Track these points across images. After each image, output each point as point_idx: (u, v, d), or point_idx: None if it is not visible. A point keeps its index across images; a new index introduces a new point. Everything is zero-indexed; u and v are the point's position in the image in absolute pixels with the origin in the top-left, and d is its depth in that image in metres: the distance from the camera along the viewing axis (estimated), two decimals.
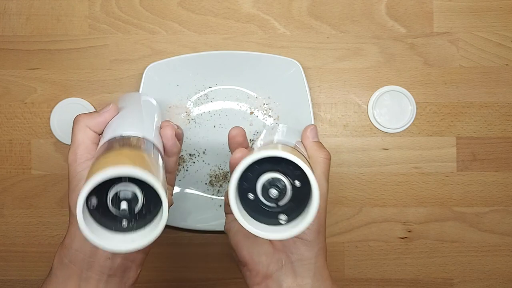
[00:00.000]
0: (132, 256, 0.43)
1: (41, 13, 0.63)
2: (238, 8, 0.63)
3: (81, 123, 0.44)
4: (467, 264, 0.63)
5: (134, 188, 0.37)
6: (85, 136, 0.44)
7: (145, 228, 0.38)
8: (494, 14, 0.63)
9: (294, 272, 0.42)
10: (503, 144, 0.63)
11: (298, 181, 0.38)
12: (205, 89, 0.63)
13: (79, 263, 0.42)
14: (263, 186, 0.38)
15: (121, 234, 0.37)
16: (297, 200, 0.38)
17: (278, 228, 0.38)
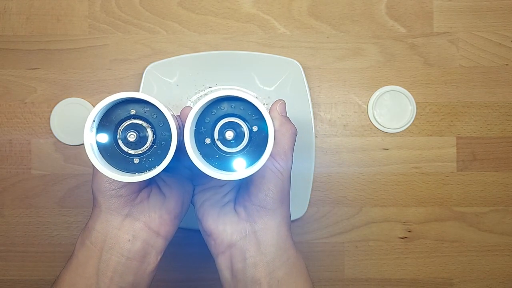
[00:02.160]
0: (152, 241, 0.44)
1: (41, 13, 0.63)
2: (238, 8, 0.63)
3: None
4: (467, 264, 0.63)
5: (142, 122, 0.39)
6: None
7: (155, 168, 0.38)
8: (494, 14, 0.63)
9: (257, 240, 0.43)
10: (503, 144, 0.63)
11: (256, 126, 0.39)
12: (205, 89, 0.63)
13: (100, 244, 0.42)
14: (220, 130, 0.39)
15: (133, 174, 0.39)
16: (255, 146, 0.39)
17: (234, 172, 0.39)
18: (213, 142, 0.39)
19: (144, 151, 0.39)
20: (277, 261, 0.43)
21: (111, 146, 0.39)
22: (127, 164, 0.39)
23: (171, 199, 0.45)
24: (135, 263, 0.43)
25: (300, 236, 0.63)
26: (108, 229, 0.42)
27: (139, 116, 0.39)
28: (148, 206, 0.44)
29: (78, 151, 0.63)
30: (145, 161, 0.39)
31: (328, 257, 0.63)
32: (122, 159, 0.39)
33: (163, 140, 0.39)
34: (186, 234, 0.63)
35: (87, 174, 0.63)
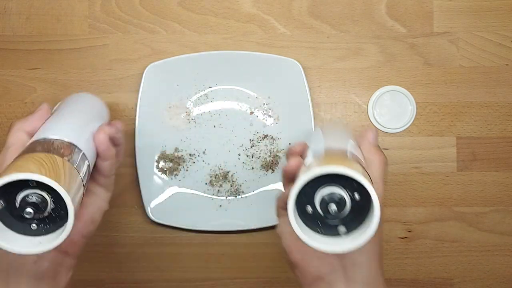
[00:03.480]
0: (59, 260, 0.43)
1: (41, 13, 0.63)
2: (238, 8, 0.63)
3: (14, 126, 0.45)
4: (467, 264, 0.63)
5: (43, 193, 0.37)
6: (16, 139, 0.44)
7: (55, 232, 0.38)
8: (494, 14, 0.63)
9: (346, 276, 0.41)
10: (503, 144, 0.63)
11: (357, 193, 0.37)
12: (205, 89, 0.63)
13: (6, 266, 0.42)
14: (322, 200, 0.37)
15: (30, 237, 0.38)
16: (357, 211, 0.37)
17: (337, 240, 0.38)
18: (314, 211, 0.38)
19: (43, 217, 0.39)
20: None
21: (7, 210, 0.38)
22: (24, 227, 0.39)
23: (80, 219, 0.45)
24: (45, 282, 0.43)
25: None
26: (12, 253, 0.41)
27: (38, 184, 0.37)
28: None
29: None
30: (43, 226, 0.39)
31: None
32: (19, 223, 0.39)
33: (62, 210, 0.38)
34: (186, 234, 0.63)
35: None
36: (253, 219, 0.62)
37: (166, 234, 0.63)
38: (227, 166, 0.63)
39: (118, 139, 0.48)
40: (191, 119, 0.63)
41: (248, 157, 0.63)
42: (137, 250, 0.63)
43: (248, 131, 0.63)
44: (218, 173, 0.63)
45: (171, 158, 0.62)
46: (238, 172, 0.63)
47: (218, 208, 0.63)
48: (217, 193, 0.63)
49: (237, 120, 0.63)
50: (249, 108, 0.63)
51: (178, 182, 0.63)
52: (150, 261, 0.63)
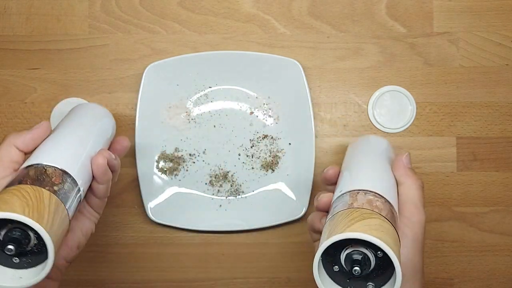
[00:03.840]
0: (43, 284, 0.43)
1: (41, 13, 0.63)
2: (238, 8, 0.63)
3: (7, 140, 0.46)
4: (467, 264, 0.63)
5: (26, 228, 0.38)
6: (5, 153, 0.44)
7: (37, 266, 0.39)
8: (494, 14, 0.63)
9: None
10: (503, 144, 0.63)
11: (380, 251, 0.37)
12: (205, 89, 0.63)
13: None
14: (346, 258, 0.38)
15: (13, 269, 0.39)
16: (383, 267, 0.38)
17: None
18: (341, 268, 0.39)
19: (25, 251, 0.39)
20: None
21: None
22: (5, 260, 0.39)
23: (66, 244, 0.46)
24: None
25: (300, 236, 0.63)
26: None
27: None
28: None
29: None
30: (25, 260, 0.39)
31: None
32: (1, 256, 0.39)
33: (44, 245, 0.38)
34: (186, 234, 0.63)
35: None
36: (253, 219, 0.62)
37: (166, 234, 0.63)
38: (227, 166, 0.63)
39: (114, 166, 0.49)
40: (191, 119, 0.63)
41: (248, 157, 0.63)
42: (137, 250, 0.63)
43: (248, 131, 0.63)
44: (218, 173, 0.63)
45: (171, 158, 0.62)
46: (238, 172, 0.63)
47: (218, 208, 0.63)
48: (217, 193, 0.63)
49: (237, 120, 0.63)
50: (249, 108, 0.63)
51: (178, 182, 0.63)
52: (150, 261, 0.63)
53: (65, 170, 0.43)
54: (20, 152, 0.45)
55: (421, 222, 0.44)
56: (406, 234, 0.42)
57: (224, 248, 0.63)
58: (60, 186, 0.42)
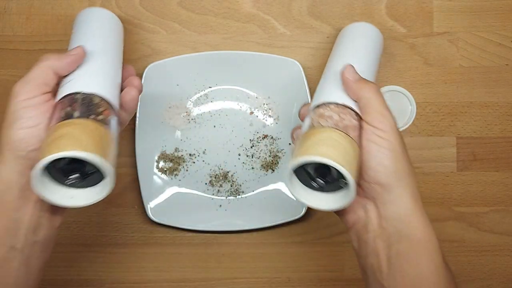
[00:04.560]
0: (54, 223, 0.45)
1: (41, 13, 0.63)
2: (238, 8, 0.63)
3: (44, 61, 0.45)
4: (467, 264, 0.63)
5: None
6: (42, 74, 0.44)
7: (88, 188, 0.42)
8: (494, 14, 0.63)
9: (379, 214, 0.43)
10: (503, 144, 0.63)
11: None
12: (205, 89, 0.63)
13: (7, 204, 0.42)
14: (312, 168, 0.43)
15: (66, 188, 0.42)
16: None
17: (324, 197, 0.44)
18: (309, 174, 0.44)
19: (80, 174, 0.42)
20: (397, 235, 0.42)
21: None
22: (62, 180, 0.42)
23: None
24: (45, 220, 0.44)
25: (300, 236, 0.63)
26: (15, 189, 0.42)
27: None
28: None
29: None
30: (78, 182, 0.42)
31: (328, 257, 0.63)
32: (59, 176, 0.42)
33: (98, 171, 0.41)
34: (186, 234, 0.63)
35: None
36: (253, 219, 0.62)
37: (166, 234, 0.63)
38: (227, 166, 0.63)
39: (141, 87, 0.50)
40: (191, 119, 0.63)
41: (248, 157, 0.63)
42: (137, 250, 0.63)
43: (248, 131, 0.63)
44: (218, 173, 0.63)
45: (171, 158, 0.62)
46: (238, 172, 0.63)
47: (218, 208, 0.63)
48: (217, 193, 0.63)
49: (237, 120, 0.63)
50: (249, 108, 0.63)
51: (178, 182, 0.63)
52: (150, 261, 0.63)
53: (109, 101, 0.45)
54: (55, 75, 0.45)
55: (392, 127, 0.43)
56: (381, 144, 0.42)
57: (224, 248, 0.63)
58: (110, 117, 0.44)
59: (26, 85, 0.44)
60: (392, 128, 0.43)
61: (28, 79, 0.44)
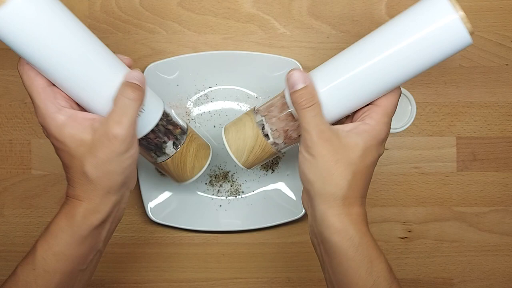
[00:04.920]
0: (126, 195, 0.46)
1: None
2: (238, 8, 0.63)
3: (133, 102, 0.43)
4: (467, 264, 0.63)
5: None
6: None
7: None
8: (494, 14, 0.63)
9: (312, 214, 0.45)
10: (503, 144, 0.63)
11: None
12: (205, 89, 0.63)
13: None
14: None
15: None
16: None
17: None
18: None
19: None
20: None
21: None
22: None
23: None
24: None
25: (300, 236, 0.63)
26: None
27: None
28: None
29: None
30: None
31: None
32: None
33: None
34: (186, 234, 0.63)
35: None
36: (253, 219, 0.62)
37: (166, 234, 0.63)
38: (227, 166, 0.63)
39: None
40: (191, 119, 0.63)
41: None
42: (137, 250, 0.63)
43: None
44: (218, 173, 0.63)
45: None
46: (238, 172, 0.63)
47: (218, 208, 0.63)
48: (217, 193, 0.63)
49: None
50: (249, 108, 0.63)
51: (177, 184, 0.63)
52: (150, 261, 0.63)
53: (165, 110, 0.51)
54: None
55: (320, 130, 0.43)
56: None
57: (224, 248, 0.63)
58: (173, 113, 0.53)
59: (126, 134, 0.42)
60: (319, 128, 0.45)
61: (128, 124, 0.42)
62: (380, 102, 0.45)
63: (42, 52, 0.40)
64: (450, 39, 0.41)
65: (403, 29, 0.42)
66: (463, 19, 0.40)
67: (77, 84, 0.42)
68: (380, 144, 0.44)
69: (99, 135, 0.41)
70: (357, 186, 0.43)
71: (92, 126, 0.42)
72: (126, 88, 0.43)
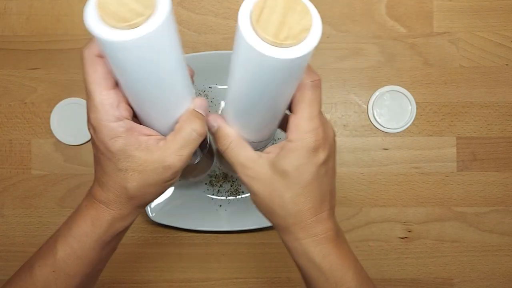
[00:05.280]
0: (136, 212, 0.43)
1: (41, 13, 0.63)
2: (238, 8, 0.63)
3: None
4: (467, 264, 0.63)
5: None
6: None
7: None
8: (494, 14, 0.63)
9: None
10: (503, 144, 0.63)
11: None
12: (205, 89, 0.63)
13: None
14: None
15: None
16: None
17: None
18: None
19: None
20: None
21: None
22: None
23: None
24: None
25: None
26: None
27: None
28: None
29: (78, 151, 0.63)
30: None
31: None
32: None
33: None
34: (186, 234, 0.63)
35: (87, 174, 0.63)
36: (253, 219, 0.62)
37: (166, 234, 0.63)
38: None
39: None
40: None
41: None
42: (137, 250, 0.63)
43: None
44: (218, 173, 0.63)
45: None
46: None
47: (218, 208, 0.63)
48: (217, 193, 0.63)
49: None
50: None
51: (178, 182, 0.63)
52: (150, 261, 0.63)
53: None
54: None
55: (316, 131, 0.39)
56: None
57: (224, 248, 0.63)
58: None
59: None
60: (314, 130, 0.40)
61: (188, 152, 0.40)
62: (294, 108, 0.39)
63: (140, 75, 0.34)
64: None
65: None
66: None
67: (151, 100, 0.38)
68: (314, 152, 0.39)
69: (154, 160, 0.39)
70: (308, 206, 0.40)
71: (147, 144, 0.39)
72: (194, 119, 0.40)
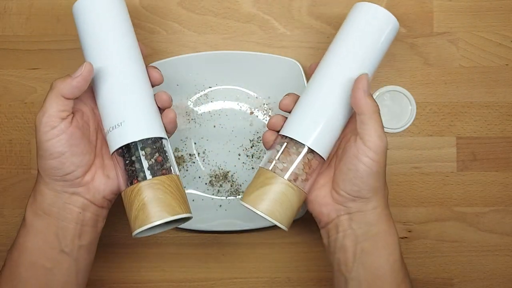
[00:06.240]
0: (99, 212, 0.49)
1: (41, 13, 0.63)
2: (238, 8, 0.63)
3: (54, 89, 0.46)
4: (467, 264, 0.63)
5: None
6: (54, 104, 0.46)
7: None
8: (494, 14, 0.63)
9: (350, 218, 0.48)
10: (503, 144, 0.63)
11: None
12: (205, 89, 0.63)
13: (55, 214, 0.47)
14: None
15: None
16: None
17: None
18: None
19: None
20: (365, 234, 0.48)
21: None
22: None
23: (114, 180, 0.49)
24: (88, 228, 0.49)
25: (300, 236, 0.63)
26: (59, 203, 0.47)
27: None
28: (92, 188, 0.48)
29: None
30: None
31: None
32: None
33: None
34: (186, 234, 0.63)
35: None
36: (253, 219, 0.62)
37: (166, 234, 0.63)
38: (227, 166, 0.63)
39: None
40: (191, 119, 0.63)
41: (248, 157, 0.63)
42: (137, 250, 0.63)
43: (248, 131, 0.63)
44: (218, 173, 0.63)
45: None
46: (238, 172, 0.63)
47: (218, 208, 0.63)
48: (217, 193, 0.63)
49: (237, 120, 0.63)
50: (249, 108, 0.63)
51: None
52: (150, 261, 0.63)
53: (163, 136, 0.49)
54: (67, 100, 0.47)
55: (384, 149, 0.47)
56: (371, 167, 0.46)
57: (224, 248, 0.63)
58: (172, 156, 0.50)
59: (43, 117, 0.46)
60: (384, 151, 0.47)
61: (44, 111, 0.46)
62: (359, 109, 0.47)
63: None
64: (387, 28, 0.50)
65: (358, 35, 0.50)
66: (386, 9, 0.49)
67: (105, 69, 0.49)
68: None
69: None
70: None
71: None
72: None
